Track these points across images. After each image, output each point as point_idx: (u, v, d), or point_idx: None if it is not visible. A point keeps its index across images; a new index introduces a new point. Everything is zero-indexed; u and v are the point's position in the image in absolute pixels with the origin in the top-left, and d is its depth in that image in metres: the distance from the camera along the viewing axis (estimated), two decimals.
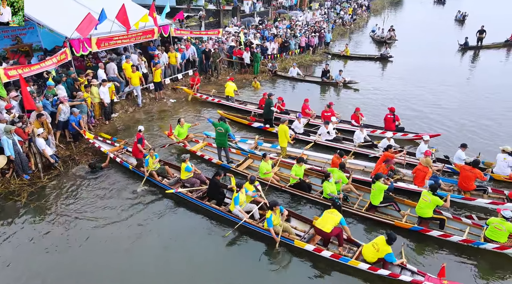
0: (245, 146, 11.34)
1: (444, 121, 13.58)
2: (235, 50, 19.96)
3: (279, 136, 10.57)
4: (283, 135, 10.43)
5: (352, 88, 17.90)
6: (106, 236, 7.72)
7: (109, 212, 8.48)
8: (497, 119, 13.70)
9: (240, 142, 11.50)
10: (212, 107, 15.08)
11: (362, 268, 6.47)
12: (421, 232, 7.43)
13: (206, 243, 7.56)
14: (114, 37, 13.51)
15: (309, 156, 10.73)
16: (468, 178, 8.67)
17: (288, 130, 10.50)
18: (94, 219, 8.20)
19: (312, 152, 10.87)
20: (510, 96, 16.04)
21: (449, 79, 18.71)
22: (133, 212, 8.47)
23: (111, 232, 7.84)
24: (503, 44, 25.89)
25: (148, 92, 15.71)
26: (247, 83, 18.50)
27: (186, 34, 18.45)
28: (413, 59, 23.22)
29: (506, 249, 6.77)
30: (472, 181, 8.67)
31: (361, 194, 8.80)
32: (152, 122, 13.65)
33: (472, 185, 8.72)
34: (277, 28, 26.31)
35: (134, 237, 7.68)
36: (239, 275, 6.77)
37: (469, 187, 8.72)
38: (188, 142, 11.35)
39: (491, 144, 11.57)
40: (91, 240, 7.58)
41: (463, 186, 8.82)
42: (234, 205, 7.83)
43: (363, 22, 39.58)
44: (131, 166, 9.98)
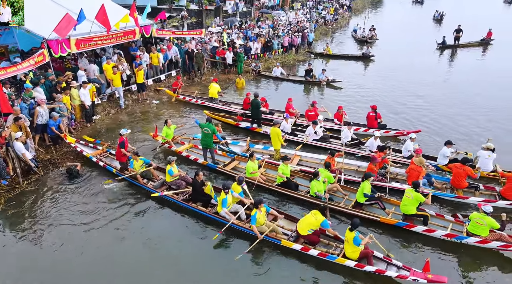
0: (236, 148, 11.22)
1: (423, 119, 13.87)
2: (218, 50, 19.86)
3: (272, 139, 10.47)
4: (276, 138, 10.33)
5: (335, 87, 18.09)
6: (88, 240, 7.56)
7: (91, 216, 8.29)
8: (473, 116, 14.06)
9: (231, 144, 11.37)
10: (196, 108, 14.97)
11: (349, 265, 6.54)
12: (405, 227, 7.56)
13: (193, 246, 7.50)
14: (94, 38, 13.24)
15: (302, 156, 10.67)
16: (459, 175, 8.75)
17: (280, 132, 10.43)
18: (76, 224, 8.01)
19: (304, 153, 10.81)
20: (487, 94, 16.53)
21: (428, 78, 19.14)
22: (117, 216, 8.31)
23: (93, 236, 7.67)
24: (479, 42, 26.66)
25: (131, 94, 15.46)
26: (230, 84, 18.45)
27: (168, 34, 18.23)
28: (394, 58, 23.66)
29: (488, 242, 6.95)
30: (464, 178, 8.76)
31: (347, 193, 8.87)
32: (136, 124, 13.43)
33: (464, 182, 8.81)
34: (260, 28, 26.34)
35: (117, 241, 7.55)
36: (227, 276, 6.74)
37: (462, 184, 8.81)
38: (174, 143, 11.21)
39: (467, 139, 11.92)
40: (71, 245, 7.41)
41: (455, 184, 8.90)
42: (222, 207, 7.77)
43: (345, 22, 40.07)
44: (114, 170, 9.78)
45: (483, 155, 9.55)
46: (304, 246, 7.00)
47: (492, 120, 13.58)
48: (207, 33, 22.24)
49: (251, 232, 7.41)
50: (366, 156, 10.67)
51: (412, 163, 9.06)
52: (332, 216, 8.12)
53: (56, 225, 8.00)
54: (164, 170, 9.32)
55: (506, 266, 6.88)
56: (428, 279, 6.06)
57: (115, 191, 9.22)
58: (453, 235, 7.24)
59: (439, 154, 10.02)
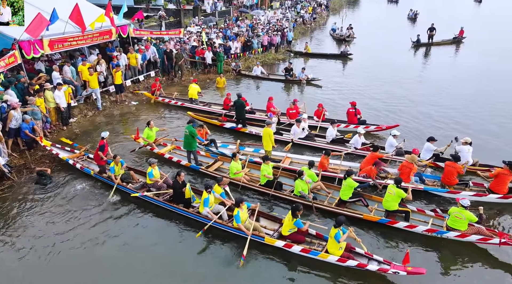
0: (226, 151, 10.97)
1: (401, 114, 14.22)
2: (197, 50, 19.71)
3: (264, 140, 10.28)
4: (268, 139, 10.16)
5: (315, 85, 18.29)
6: (66, 245, 7.37)
7: (69, 222, 8.07)
8: (447, 111, 14.51)
9: (221, 147, 11.20)
10: (176, 110, 14.80)
11: (331, 261, 6.63)
12: (388, 224, 7.68)
13: (176, 246, 7.43)
14: (69, 39, 12.88)
15: (293, 158, 10.57)
16: (450, 173, 8.92)
17: (272, 133, 10.27)
18: (52, 230, 7.78)
19: (295, 155, 10.74)
20: (460, 89, 17.10)
21: (404, 75, 19.64)
22: (96, 220, 8.13)
23: (70, 242, 7.48)
24: (451, 40, 27.52)
25: (109, 95, 15.13)
26: (211, 84, 18.35)
27: (146, 34, 17.94)
28: (371, 56, 24.16)
29: (466, 236, 7.15)
30: (454, 175, 8.94)
31: (330, 191, 8.92)
32: (115, 126, 13.16)
33: (455, 179, 8.97)
34: (238, 27, 26.30)
35: (96, 245, 7.39)
36: (210, 275, 6.71)
37: (452, 181, 8.97)
38: (156, 145, 11.03)
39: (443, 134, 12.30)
40: (47, 251, 7.21)
41: (446, 181, 9.05)
42: (204, 206, 7.73)
43: (323, 21, 40.55)
44: (92, 172, 9.57)
45: (463, 149, 9.78)
46: (287, 243, 7.05)
47: (466, 115, 14.07)
48: (185, 33, 22.03)
49: (234, 231, 7.41)
50: (352, 153, 10.75)
51: (405, 161, 9.16)
52: (317, 214, 8.21)
53: (31, 232, 7.74)
54: (144, 173, 9.18)
55: (484, 258, 7.10)
56: (408, 271, 6.22)
57: (93, 195, 9.00)
58: (433, 230, 7.40)
59: (423, 149, 10.21)
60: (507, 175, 8.49)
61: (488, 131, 12.62)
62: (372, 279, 6.57)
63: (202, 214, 7.85)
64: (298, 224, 7.07)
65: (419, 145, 10.61)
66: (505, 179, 8.54)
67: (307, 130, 11.87)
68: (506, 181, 8.56)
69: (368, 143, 11.00)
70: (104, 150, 9.42)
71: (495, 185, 8.68)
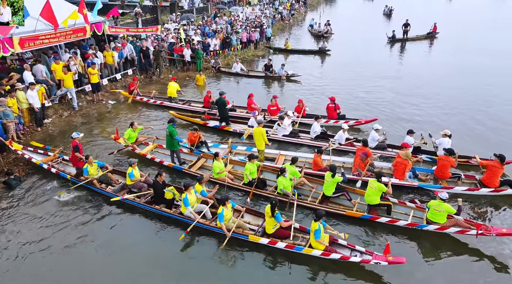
0: (218, 150, 10.59)
1: (380, 108, 14.51)
2: (175, 47, 19.43)
3: (256, 140, 10.10)
4: (261, 138, 10.00)
5: (295, 81, 18.40)
6: (45, 253, 7.15)
7: (46, 229, 7.80)
8: (421, 104, 14.91)
9: (212, 146, 11.00)
10: (155, 109, 14.57)
11: (316, 255, 6.72)
12: (370, 219, 7.79)
13: (159, 248, 7.33)
14: (40, 36, 12.40)
15: (287, 156, 10.42)
16: (445, 167, 8.94)
17: (265, 132, 10.09)
18: (29, 238, 7.53)
19: (289, 152, 10.68)
20: (436, 84, 17.60)
21: (382, 70, 20.04)
22: (76, 225, 7.91)
23: (49, 249, 7.26)
24: (425, 36, 28.28)
25: (85, 95, 14.72)
26: (190, 81, 18.16)
27: (122, 31, 17.54)
28: (349, 51, 24.52)
29: (446, 229, 7.36)
30: (448, 169, 8.99)
31: (314, 186, 8.93)
32: (92, 126, 12.82)
33: (448, 173, 9.03)
34: (216, 24, 26.09)
35: (78, 251, 7.22)
36: (194, 275, 6.67)
37: (445, 175, 9.02)
38: (137, 144, 10.79)
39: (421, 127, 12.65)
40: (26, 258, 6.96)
41: (439, 175, 9.09)
42: (185, 206, 7.66)
43: (301, 17, 40.81)
44: (69, 176, 9.28)
45: (443, 142, 9.99)
46: (271, 239, 7.09)
47: (442, 108, 14.50)
48: (163, 30, 21.67)
49: (218, 230, 7.38)
50: (337, 149, 10.83)
51: (398, 157, 9.15)
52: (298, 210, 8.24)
53: (5, 241, 7.47)
54: (123, 173, 8.99)
55: (462, 248, 7.31)
56: (389, 261, 6.40)
57: (71, 199, 8.71)
58: (414, 224, 7.55)
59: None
60: (498, 167, 8.57)
61: (465, 124, 13.03)
62: (355, 269, 6.72)
63: (184, 215, 7.78)
64: (277, 218, 7.11)
65: (400, 139, 10.84)
66: (497, 172, 8.62)
67: (291, 126, 11.90)
68: (498, 174, 8.65)
69: (351, 138, 11.18)
70: (78, 150, 9.12)
71: (487, 178, 8.76)
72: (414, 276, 6.67)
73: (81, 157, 9.12)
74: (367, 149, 9.46)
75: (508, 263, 6.93)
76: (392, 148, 10.78)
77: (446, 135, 10.04)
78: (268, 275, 6.74)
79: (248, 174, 8.92)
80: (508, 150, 9.75)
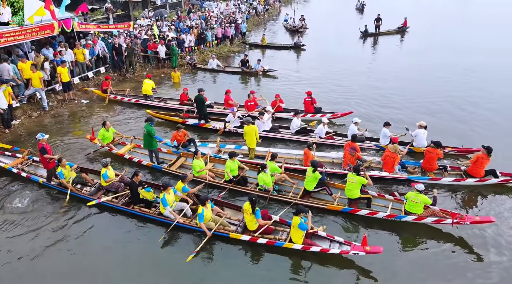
0: (206, 149, 10.51)
1: (357, 100, 14.82)
2: (149, 44, 19.03)
3: (249, 138, 9.95)
4: (253, 136, 9.87)
5: (271, 76, 18.48)
6: (18, 263, 6.89)
7: (17, 238, 7.50)
8: (393, 96, 15.34)
9: (200, 146, 10.77)
10: (131, 107, 14.26)
11: (297, 248, 6.83)
12: (351, 212, 7.95)
13: (139, 249, 7.22)
14: (5, 34, 11.84)
15: (278, 153, 10.15)
16: (432, 159, 9.13)
17: (257, 130, 10.01)
18: None
19: (278, 149, 10.62)
20: (409, 76, 18.12)
21: (355, 63, 20.46)
22: (51, 230, 7.66)
23: (23, 259, 7.01)
24: (396, 30, 29.01)
25: (55, 94, 14.20)
26: (166, 78, 17.87)
27: (92, 28, 17.00)
28: (323, 46, 24.84)
29: (423, 219, 7.61)
30: (435, 161, 9.19)
31: (295, 182, 8.97)
32: (64, 126, 12.41)
33: (435, 165, 9.25)
34: (190, 20, 25.73)
35: (50, 256, 7.01)
36: (177, 275, 6.63)
37: (433, 167, 9.23)
38: (114, 144, 10.51)
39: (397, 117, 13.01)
40: None
41: (427, 167, 9.27)
42: (163, 206, 7.58)
43: (276, 12, 40.89)
44: (41, 180, 8.94)
45: (419, 133, 10.31)
46: (252, 236, 7.14)
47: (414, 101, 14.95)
48: (136, 27, 21.16)
49: (199, 229, 7.35)
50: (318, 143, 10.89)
51: (387, 150, 9.31)
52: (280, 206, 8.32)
53: None
54: (98, 172, 8.76)
55: (438, 237, 7.56)
56: (366, 251, 6.59)
57: (44, 204, 8.41)
58: (393, 215, 7.75)
59: (381, 135, 10.67)
60: (485, 159, 8.83)
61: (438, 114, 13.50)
62: (335, 259, 6.87)
63: (164, 215, 7.69)
64: (257, 215, 7.16)
65: (377, 131, 11.11)
66: (483, 163, 8.88)
67: (271, 121, 11.95)
68: (484, 164, 8.91)
69: (331, 132, 11.34)
70: (47, 152, 8.74)
71: (473, 169, 8.99)
72: (395, 264, 6.86)
73: (51, 157, 8.77)
74: (355, 144, 9.52)
75: (480, 249, 7.23)
76: (371, 141, 11.03)
77: (421, 126, 10.35)
78: (249, 269, 6.79)
79: (228, 172, 8.89)
80: (469, 138, 10.40)
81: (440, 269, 6.77)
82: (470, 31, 28.55)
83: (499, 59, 20.50)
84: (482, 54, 21.56)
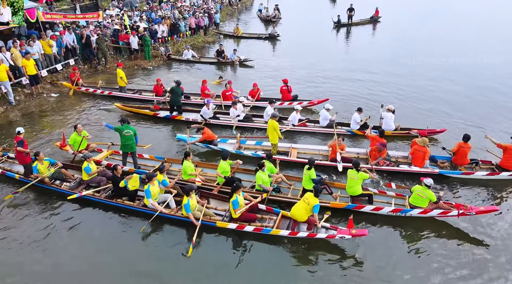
0: (226, 146, 10.07)
1: (332, 89, 15.03)
2: (120, 34, 18.33)
3: (270, 133, 9.57)
4: (274, 132, 9.48)
5: (247, 66, 18.37)
6: None
7: None
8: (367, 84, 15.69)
9: (220, 142, 10.30)
10: (103, 99, 13.73)
11: (284, 235, 6.88)
12: (355, 209, 7.72)
13: (123, 241, 7.09)
14: None
15: (299, 149, 10.03)
16: (464, 153, 8.86)
17: (278, 126, 9.51)
18: None
19: (300, 145, 10.32)
20: (381, 65, 18.52)
21: (329, 53, 20.78)
22: (30, 228, 7.34)
23: None
24: (368, 20, 29.46)
25: (22, 88, 13.45)
26: (139, 70, 17.36)
27: (59, 18, 16.15)
28: (297, 36, 24.94)
29: (429, 212, 7.37)
30: (467, 155, 8.90)
31: (292, 183, 8.65)
32: (33, 121, 11.82)
33: (467, 159, 8.96)
34: (162, 10, 24.99)
35: (39, 254, 6.73)
36: (163, 266, 6.55)
37: (464, 161, 8.96)
38: (90, 151, 9.64)
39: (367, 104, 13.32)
40: None
41: (458, 161, 9.01)
42: (147, 198, 7.43)
43: (249, 2, 40.46)
44: (17, 175, 8.53)
45: (387, 116, 10.53)
46: (239, 224, 7.13)
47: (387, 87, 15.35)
48: (105, 17, 20.30)
49: (183, 219, 7.27)
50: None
51: (414, 143, 9.00)
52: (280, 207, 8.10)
53: None
54: (79, 167, 8.42)
55: (443, 229, 7.45)
56: (352, 234, 6.71)
57: (21, 202, 8.03)
58: (398, 209, 7.52)
59: (352, 120, 10.83)
60: None
61: (410, 99, 13.97)
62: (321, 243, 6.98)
63: (148, 206, 7.55)
64: (234, 204, 7.11)
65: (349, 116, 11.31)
66: None
67: (244, 112, 11.91)
68: None
69: (303, 119, 11.40)
70: (23, 145, 8.33)
71: (505, 162, 8.72)
72: (392, 258, 6.79)
73: (27, 151, 8.36)
74: (383, 140, 9.21)
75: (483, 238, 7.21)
76: (342, 126, 11.11)
77: (389, 110, 10.62)
78: (238, 255, 6.79)
79: (221, 173, 8.40)
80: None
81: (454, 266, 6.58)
82: (438, 21, 29.45)
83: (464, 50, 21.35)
84: (448, 42, 22.38)
